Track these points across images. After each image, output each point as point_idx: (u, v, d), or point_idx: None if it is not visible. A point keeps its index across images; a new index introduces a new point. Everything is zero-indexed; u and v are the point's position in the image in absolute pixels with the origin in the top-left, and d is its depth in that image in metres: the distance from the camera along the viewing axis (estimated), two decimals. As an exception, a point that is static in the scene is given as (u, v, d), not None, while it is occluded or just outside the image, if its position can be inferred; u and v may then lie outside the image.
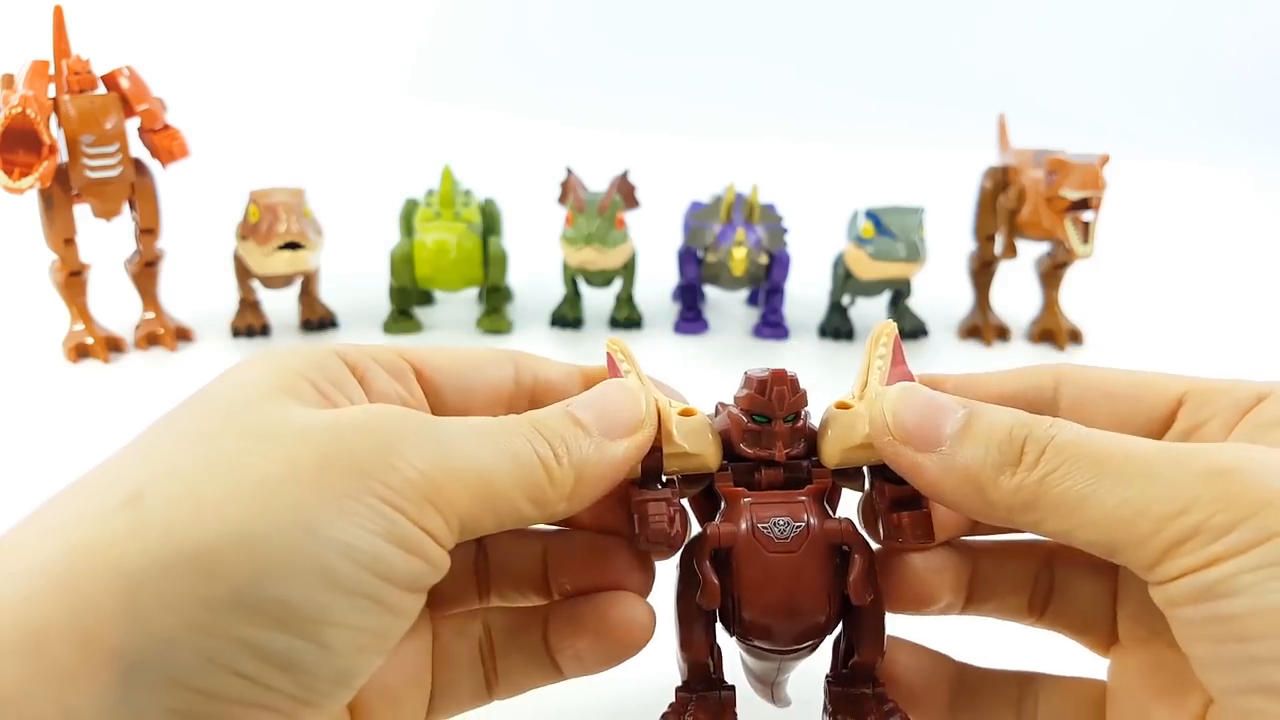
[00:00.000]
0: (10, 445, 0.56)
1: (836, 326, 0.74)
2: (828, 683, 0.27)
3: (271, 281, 0.70)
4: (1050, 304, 0.74)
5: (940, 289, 0.78)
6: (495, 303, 0.74)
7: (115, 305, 0.70)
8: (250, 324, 0.71)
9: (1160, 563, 0.20)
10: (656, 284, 0.80)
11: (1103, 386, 0.27)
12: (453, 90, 1.49)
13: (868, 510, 0.28)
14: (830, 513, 0.27)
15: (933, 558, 0.28)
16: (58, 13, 0.63)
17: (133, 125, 0.65)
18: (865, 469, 0.27)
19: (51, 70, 0.62)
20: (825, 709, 0.27)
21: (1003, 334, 0.75)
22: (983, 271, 0.75)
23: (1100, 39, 1.63)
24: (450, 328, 0.76)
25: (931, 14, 1.63)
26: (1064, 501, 0.22)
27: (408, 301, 0.74)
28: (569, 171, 0.73)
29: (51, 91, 0.62)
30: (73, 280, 0.67)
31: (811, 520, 0.25)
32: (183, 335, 0.70)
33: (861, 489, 0.28)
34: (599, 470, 0.24)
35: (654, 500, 0.26)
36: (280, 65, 1.48)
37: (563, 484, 0.23)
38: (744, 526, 0.25)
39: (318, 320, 0.73)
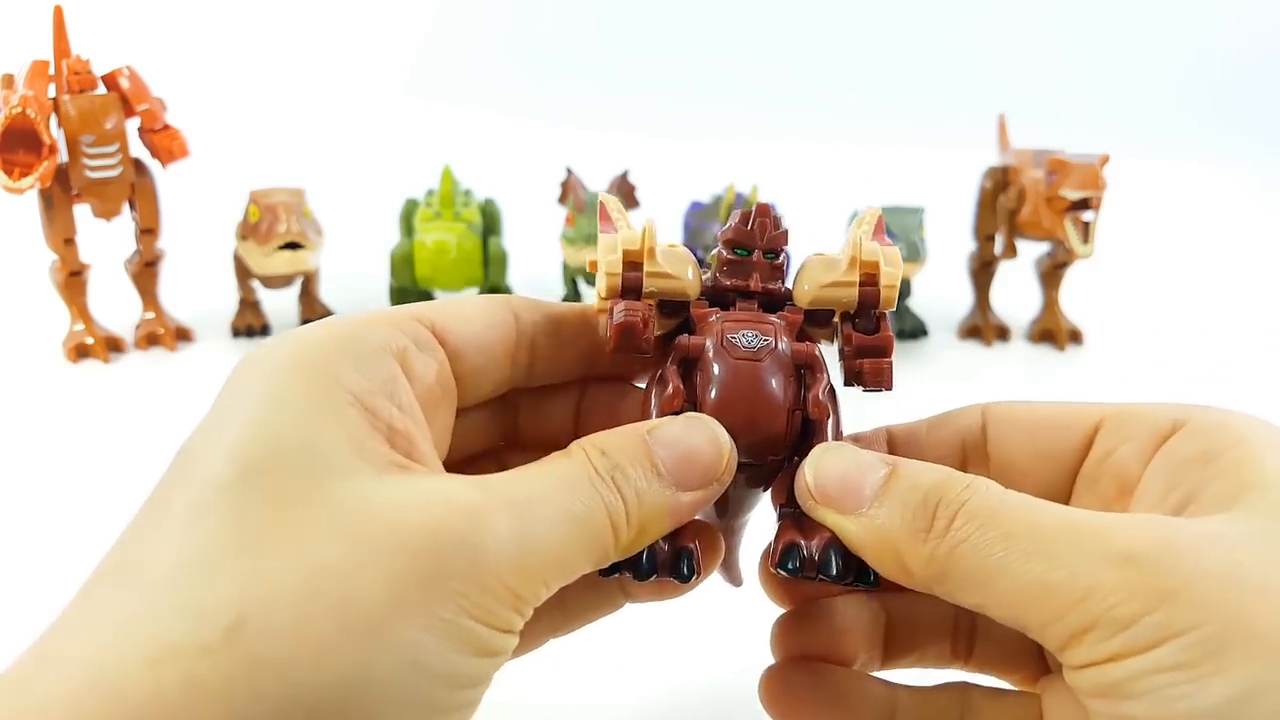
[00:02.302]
0: (10, 445, 0.56)
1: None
2: (780, 508, 0.27)
3: (271, 281, 0.70)
4: (1050, 304, 0.74)
5: (940, 289, 0.78)
6: (495, 303, 0.74)
7: (115, 305, 0.70)
8: (250, 324, 0.71)
9: (1066, 648, 0.20)
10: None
11: (1025, 420, 0.27)
12: (453, 90, 1.49)
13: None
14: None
15: (842, 614, 0.27)
16: (58, 13, 0.63)
17: (133, 125, 0.65)
18: (836, 318, 0.27)
19: (51, 70, 0.62)
20: (774, 542, 0.26)
21: (1003, 334, 0.75)
22: (983, 271, 0.75)
23: (1100, 39, 1.63)
24: (450, 328, 0.75)
25: (931, 14, 1.63)
26: (974, 575, 0.21)
27: (408, 301, 0.73)
28: (569, 171, 0.72)
29: (51, 91, 0.62)
30: (73, 280, 0.67)
31: (780, 338, 0.25)
32: (183, 335, 0.70)
33: (830, 339, 0.28)
34: (661, 524, 0.23)
35: (627, 303, 0.26)
36: (280, 65, 1.48)
37: (625, 543, 0.23)
38: (712, 338, 0.25)
39: (318, 320, 0.73)
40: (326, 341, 0.23)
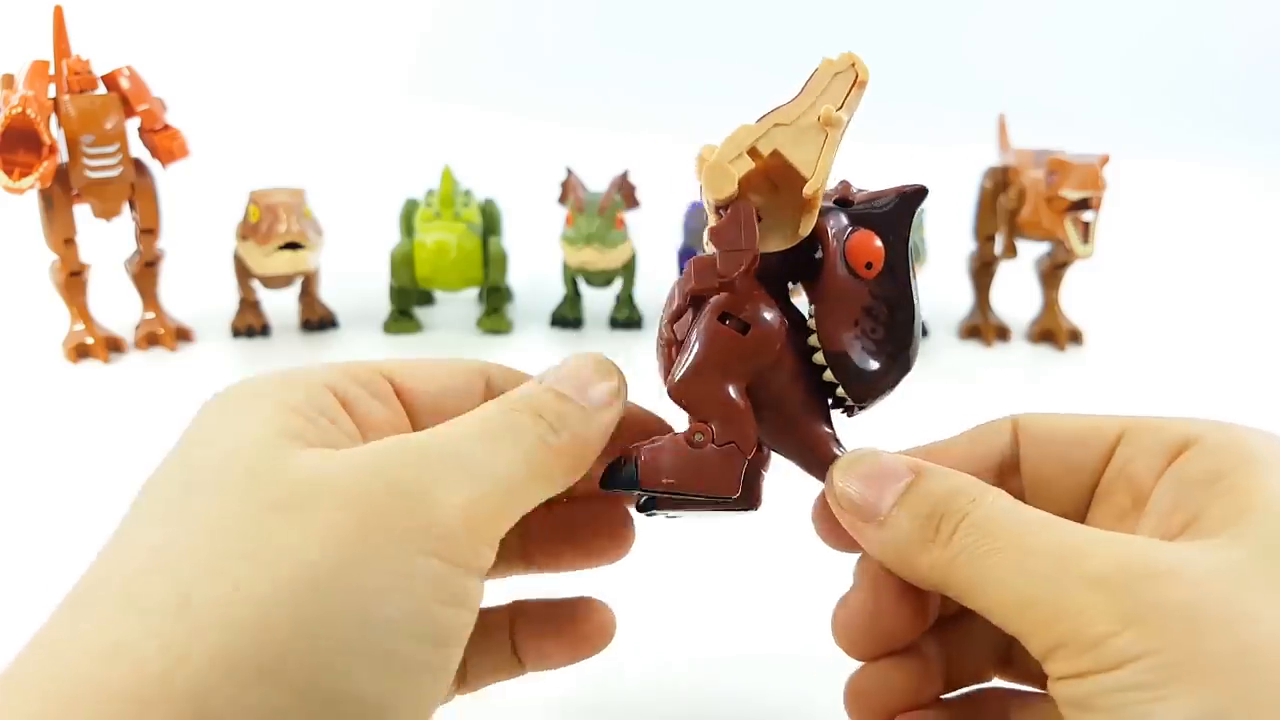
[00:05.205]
0: (10, 445, 0.56)
1: (836, 326, 0.74)
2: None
3: (271, 281, 0.70)
4: (1050, 304, 0.74)
5: (940, 289, 0.78)
6: (495, 303, 0.74)
7: (115, 305, 0.70)
8: (250, 324, 0.71)
9: (1046, 661, 0.21)
10: (656, 284, 0.79)
11: (1054, 435, 0.27)
12: (453, 90, 1.49)
13: None
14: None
15: (908, 670, 0.27)
16: (58, 13, 0.63)
17: (133, 125, 0.65)
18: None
19: (51, 70, 0.62)
20: None
21: (1003, 334, 0.75)
22: (983, 271, 0.75)
23: (1100, 39, 1.63)
24: (450, 328, 0.76)
25: (931, 14, 1.63)
26: (971, 584, 0.22)
27: (408, 301, 0.74)
28: (569, 171, 0.73)
29: (51, 91, 0.62)
30: (73, 280, 0.67)
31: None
32: (183, 335, 0.70)
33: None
34: (594, 442, 0.25)
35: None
36: (280, 65, 1.48)
37: (566, 456, 0.24)
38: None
39: (318, 320, 0.73)
40: (271, 376, 0.24)
